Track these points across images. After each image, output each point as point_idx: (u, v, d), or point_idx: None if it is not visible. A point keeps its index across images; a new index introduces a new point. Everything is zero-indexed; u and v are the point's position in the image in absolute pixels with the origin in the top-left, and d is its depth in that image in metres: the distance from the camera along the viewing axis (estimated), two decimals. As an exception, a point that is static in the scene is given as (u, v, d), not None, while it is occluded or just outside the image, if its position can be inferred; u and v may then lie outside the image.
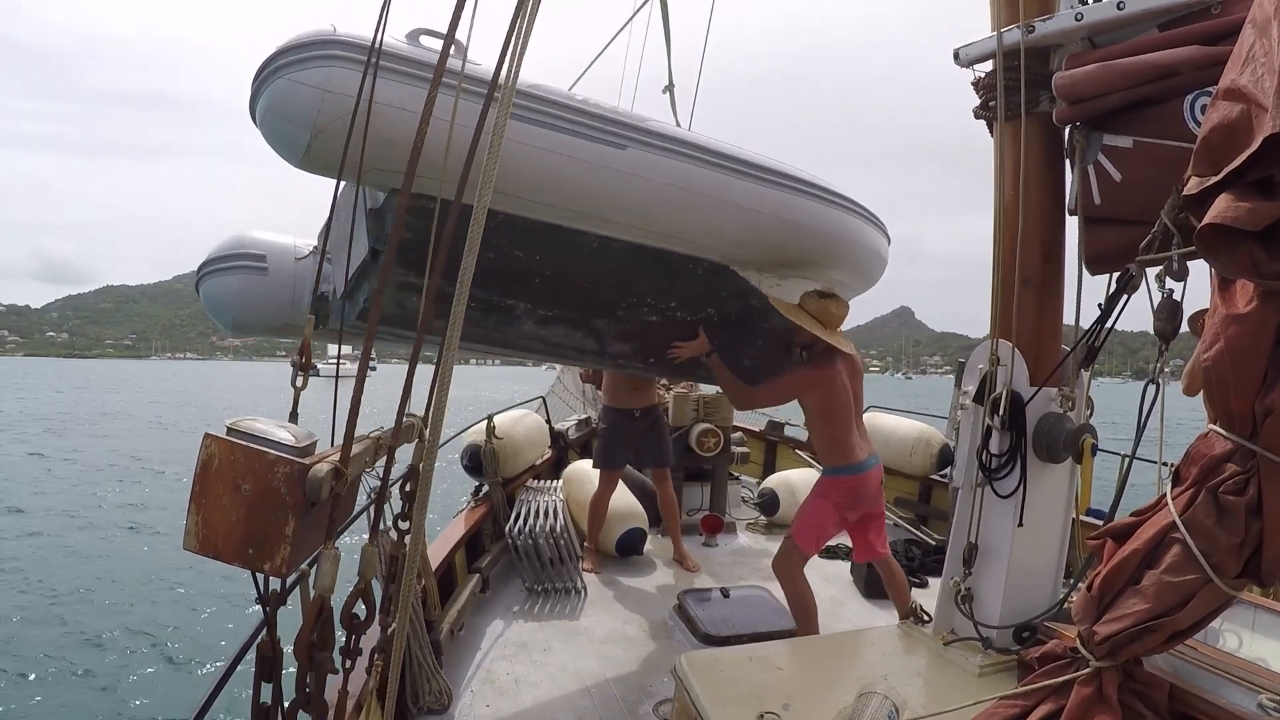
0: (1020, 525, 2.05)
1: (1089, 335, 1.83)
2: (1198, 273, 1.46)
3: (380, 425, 1.81)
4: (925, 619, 2.31)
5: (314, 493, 1.28)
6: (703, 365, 3.52)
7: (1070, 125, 2.02)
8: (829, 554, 4.99)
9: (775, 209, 2.97)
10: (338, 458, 1.37)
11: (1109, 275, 1.82)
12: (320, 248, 3.29)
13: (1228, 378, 1.25)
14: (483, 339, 3.15)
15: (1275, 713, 1.48)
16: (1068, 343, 2.11)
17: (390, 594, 1.86)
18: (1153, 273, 1.51)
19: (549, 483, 5.47)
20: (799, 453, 7.10)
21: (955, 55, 2.26)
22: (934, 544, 5.19)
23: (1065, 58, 2.02)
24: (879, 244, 3.49)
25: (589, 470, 4.93)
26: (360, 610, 1.58)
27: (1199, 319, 1.97)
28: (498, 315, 2.99)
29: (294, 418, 1.58)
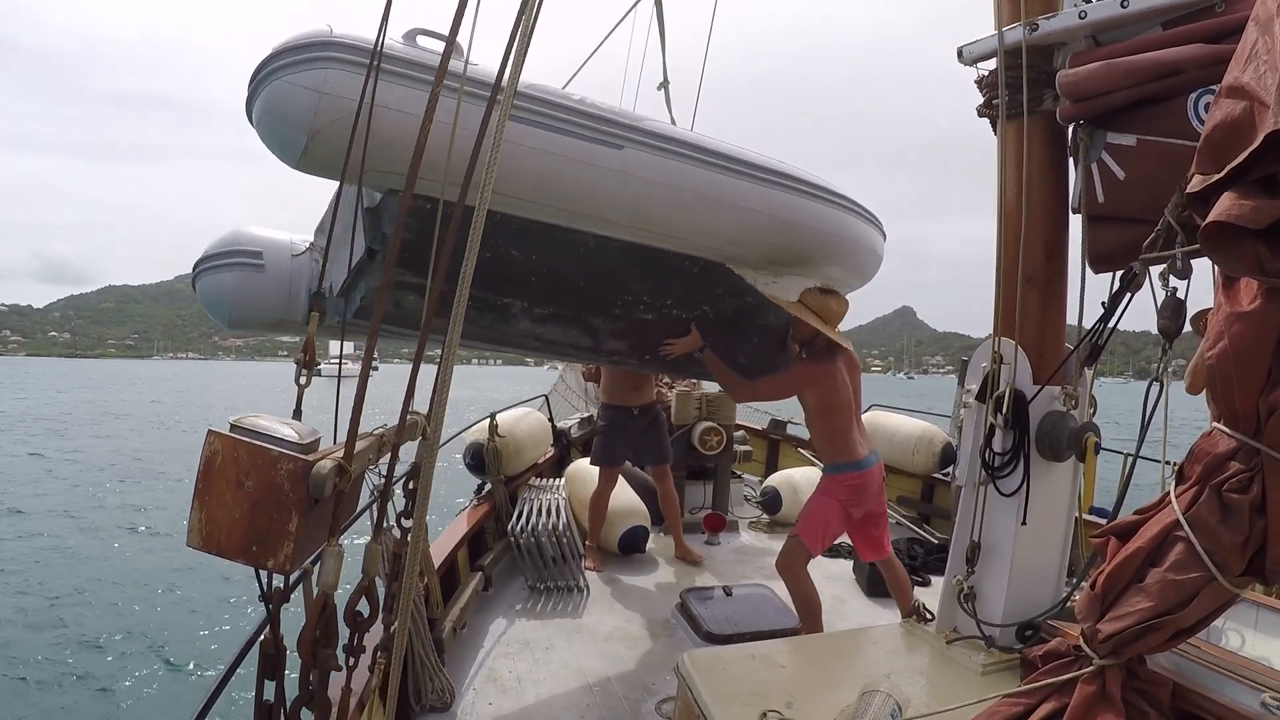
0: (1023, 524, 2.05)
1: (1092, 334, 1.83)
2: (1201, 272, 1.46)
3: (384, 424, 1.81)
4: (928, 617, 2.31)
5: (317, 489, 1.28)
6: (697, 361, 3.53)
7: (1074, 123, 2.02)
8: (832, 553, 4.97)
9: (771, 208, 2.98)
10: (341, 454, 1.37)
11: (1112, 274, 1.82)
12: (316, 244, 3.30)
13: (1232, 375, 1.25)
14: (479, 336, 3.17)
15: (1278, 711, 1.48)
16: (1070, 341, 2.11)
17: (393, 592, 1.87)
18: (1156, 271, 1.51)
19: (551, 481, 5.47)
20: (802, 451, 7.10)
21: (959, 53, 2.26)
22: (936, 543, 5.20)
23: (1069, 56, 2.02)
24: (874, 241, 3.51)
25: (591, 468, 4.94)
26: (364, 608, 1.59)
27: (1202, 318, 1.96)
28: (494, 314, 3.00)
29: (298, 415, 1.58)
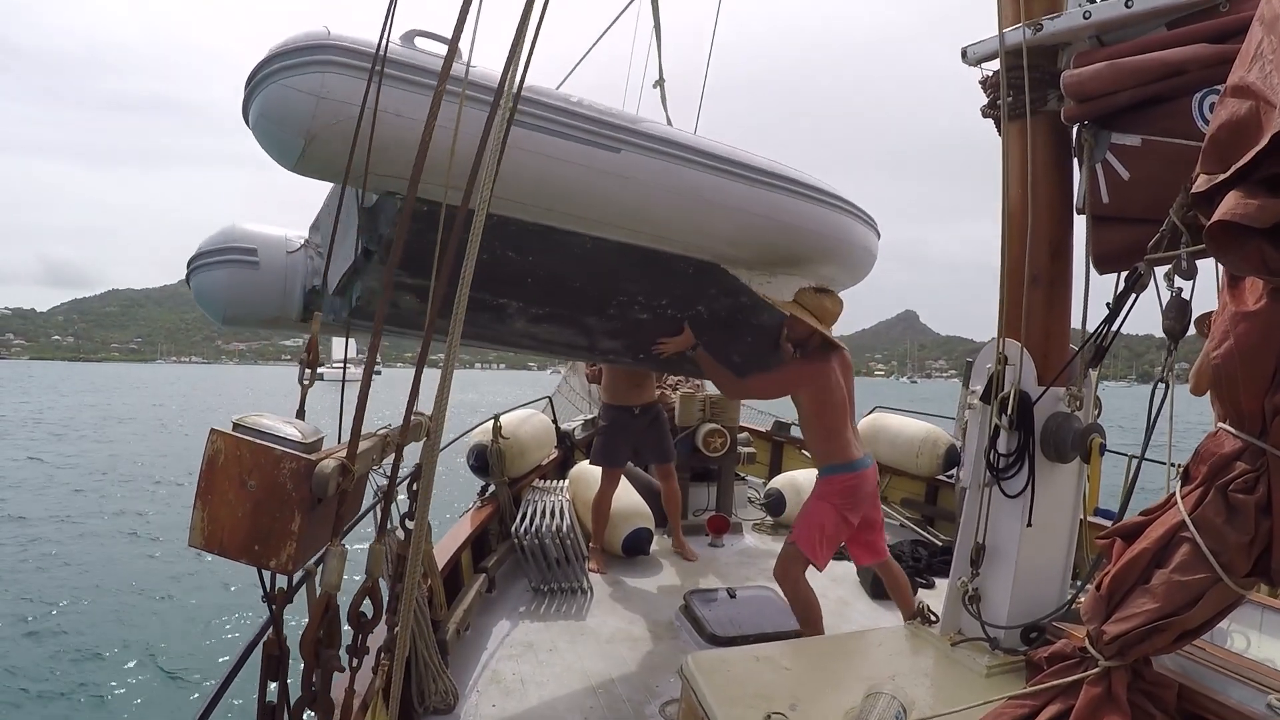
0: (1028, 525, 2.04)
1: (1097, 335, 1.82)
2: (1205, 274, 1.46)
3: (388, 424, 1.81)
4: (932, 619, 2.30)
5: (320, 489, 1.28)
6: (690, 360, 3.53)
7: (1078, 123, 2.01)
8: (835, 555, 4.97)
9: (767, 209, 2.99)
10: (344, 454, 1.37)
11: (1117, 275, 1.82)
12: (311, 240, 3.30)
13: (1237, 375, 1.25)
14: (474, 335, 3.18)
15: (1284, 713, 1.47)
16: (1075, 343, 2.10)
17: (397, 593, 1.86)
18: (1161, 271, 1.50)
19: (555, 483, 5.47)
20: (805, 453, 7.08)
21: (963, 53, 2.26)
22: (940, 544, 5.19)
23: (1073, 56, 2.01)
24: (869, 241, 3.53)
25: (595, 470, 4.94)
26: (367, 609, 1.58)
27: (1206, 320, 1.96)
28: (489, 314, 3.01)
29: (301, 415, 1.58)
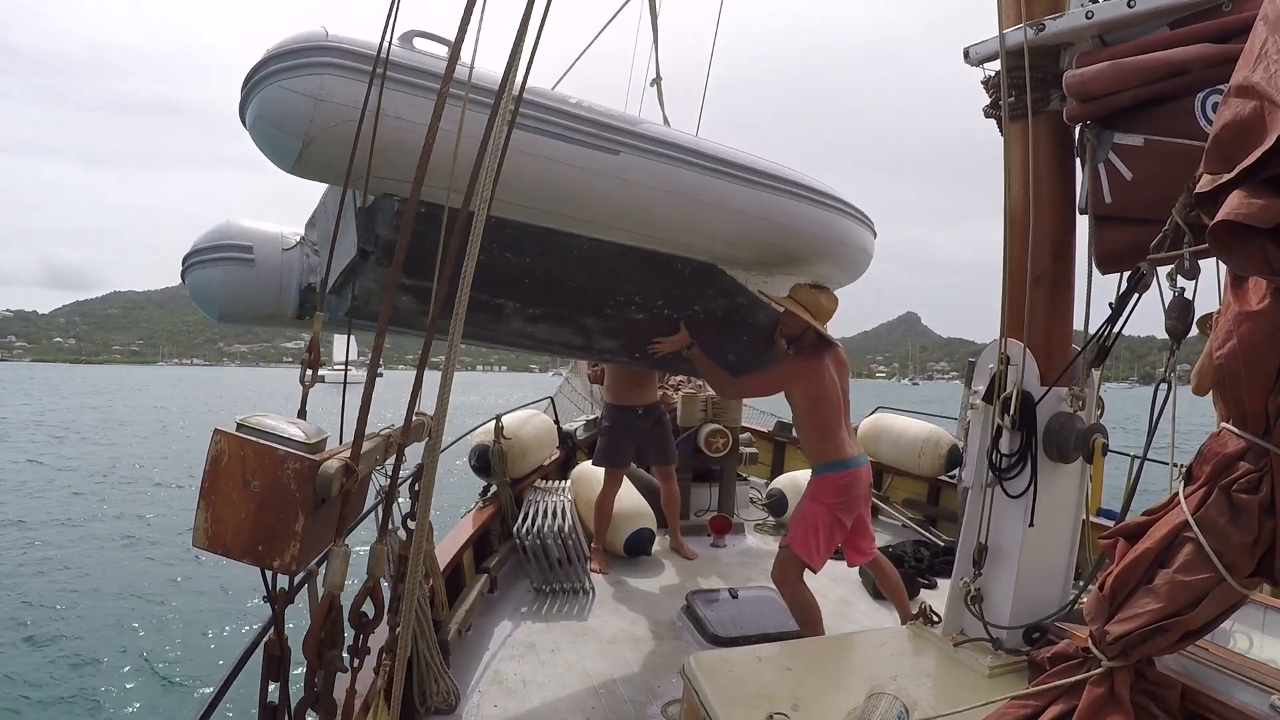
0: (1030, 525, 2.04)
1: (1099, 335, 1.82)
2: (1208, 274, 1.46)
3: (390, 424, 1.81)
4: (935, 620, 2.30)
5: (324, 489, 1.28)
6: (686, 359, 3.53)
7: (1081, 124, 2.01)
8: (837, 553, 4.97)
9: (765, 211, 3.00)
10: (348, 454, 1.37)
11: (1119, 275, 1.81)
12: (307, 237, 3.30)
13: (1240, 375, 1.25)
14: (470, 335, 3.18)
15: (1288, 714, 1.47)
16: (1077, 344, 2.10)
17: (398, 593, 1.86)
18: (1164, 271, 1.50)
19: (557, 483, 5.47)
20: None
21: (965, 54, 2.26)
22: (943, 545, 5.18)
23: (1076, 56, 2.01)
24: (865, 241, 3.55)
25: (597, 471, 4.94)
26: (368, 609, 1.58)
27: (1208, 320, 1.96)
28: (486, 313, 3.01)
29: (303, 415, 1.58)
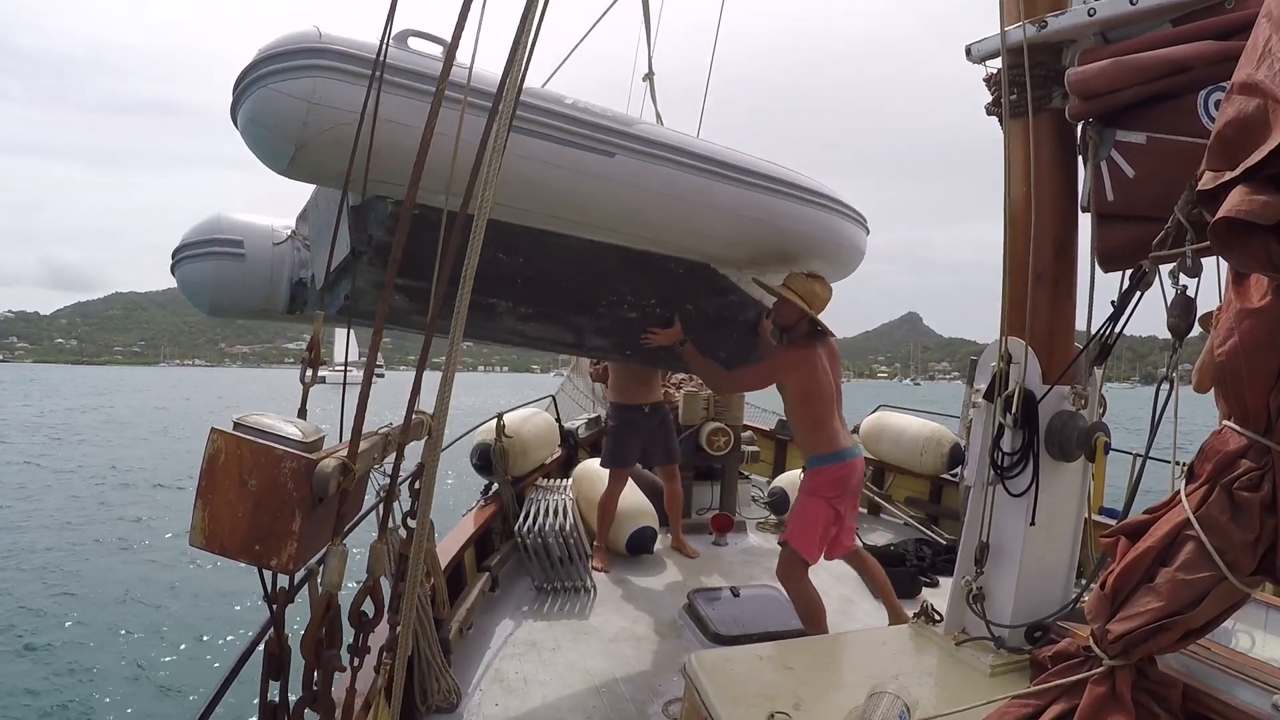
0: (1032, 524, 2.03)
1: (1101, 333, 1.81)
2: (1209, 272, 1.45)
3: (389, 422, 1.81)
4: (936, 618, 2.29)
5: (321, 488, 1.28)
6: (677, 355, 3.52)
7: (1083, 121, 2.00)
8: None
9: (761, 212, 3.00)
10: (345, 453, 1.37)
11: (1121, 273, 1.81)
12: (299, 231, 3.30)
13: (1242, 372, 1.24)
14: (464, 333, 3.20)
15: (1290, 713, 1.46)
16: (1079, 343, 2.09)
17: (399, 592, 1.86)
18: (1166, 270, 1.49)
19: (559, 481, 5.46)
20: None
21: (967, 51, 2.25)
22: (945, 543, 5.17)
23: (1078, 53, 2.00)
24: (859, 238, 3.56)
25: (599, 469, 4.93)
26: (369, 608, 1.58)
27: (1209, 317, 1.95)
28: (478, 312, 3.01)
29: (302, 414, 1.58)
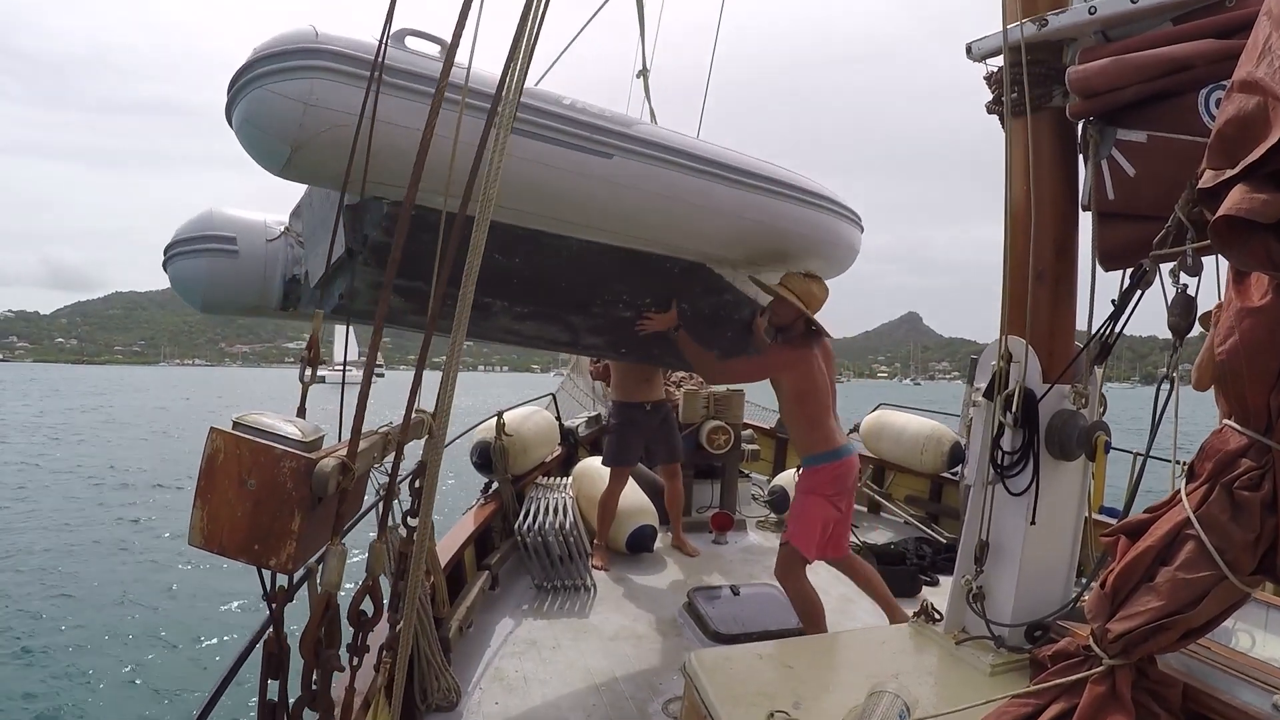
0: (1033, 523, 2.03)
1: (1102, 331, 1.81)
2: (1209, 271, 1.45)
3: (389, 421, 1.81)
4: (936, 617, 2.29)
5: (320, 488, 1.27)
6: (672, 348, 3.51)
7: (1084, 120, 2.00)
8: None
9: (757, 213, 3.01)
10: (345, 452, 1.37)
11: (1122, 271, 1.80)
12: (292, 227, 3.29)
13: (1242, 371, 1.24)
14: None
15: (1291, 713, 1.46)
16: (1079, 342, 2.09)
17: (399, 591, 1.86)
18: (1166, 268, 1.49)
19: (559, 480, 5.46)
20: None
21: (968, 49, 2.25)
22: (945, 542, 5.17)
23: (1079, 51, 2.00)
24: (854, 238, 3.59)
25: (599, 467, 4.92)
26: (368, 607, 1.58)
27: (1209, 316, 1.94)
28: (474, 311, 3.01)
29: (302, 413, 1.58)
